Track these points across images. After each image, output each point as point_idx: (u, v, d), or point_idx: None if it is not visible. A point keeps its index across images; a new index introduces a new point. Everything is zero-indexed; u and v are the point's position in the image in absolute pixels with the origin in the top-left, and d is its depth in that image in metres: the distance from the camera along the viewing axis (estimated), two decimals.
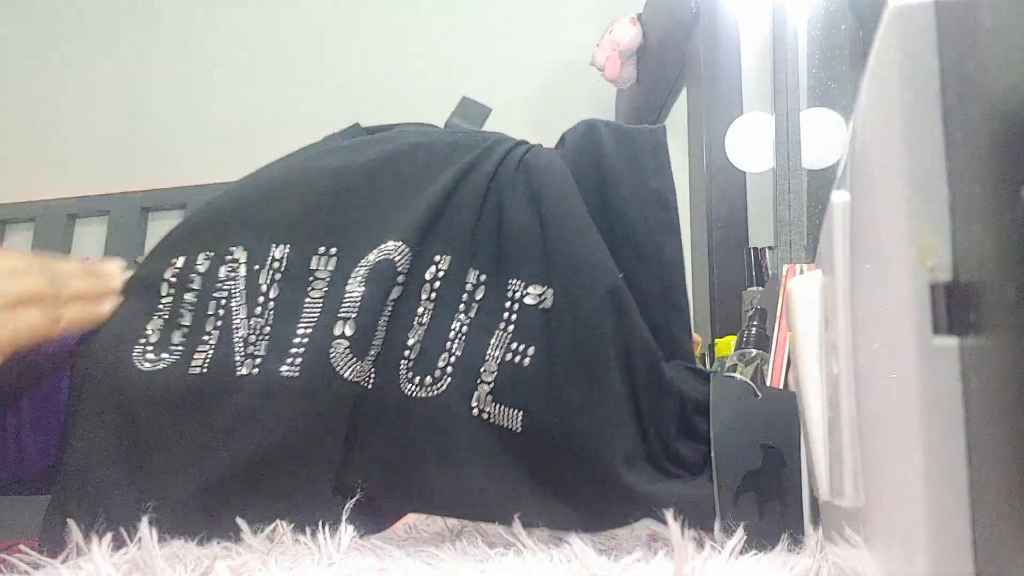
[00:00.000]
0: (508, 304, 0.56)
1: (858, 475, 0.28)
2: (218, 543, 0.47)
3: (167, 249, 0.60)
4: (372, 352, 0.54)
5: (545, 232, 0.56)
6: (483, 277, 0.57)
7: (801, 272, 0.87)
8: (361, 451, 0.54)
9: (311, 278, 0.57)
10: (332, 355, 0.53)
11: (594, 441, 0.52)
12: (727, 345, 0.98)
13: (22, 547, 0.44)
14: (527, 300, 0.55)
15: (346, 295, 0.55)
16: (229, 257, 0.58)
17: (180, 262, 0.59)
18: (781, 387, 0.83)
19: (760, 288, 1.28)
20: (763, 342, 0.86)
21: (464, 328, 0.55)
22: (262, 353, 0.55)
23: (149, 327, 0.57)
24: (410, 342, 0.55)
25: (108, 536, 0.38)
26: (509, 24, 2.34)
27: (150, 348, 0.56)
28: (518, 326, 0.55)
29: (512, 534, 0.49)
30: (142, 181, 2.39)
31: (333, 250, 0.57)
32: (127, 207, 2.37)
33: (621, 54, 1.84)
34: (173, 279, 0.58)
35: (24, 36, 2.60)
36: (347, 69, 2.38)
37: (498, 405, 0.54)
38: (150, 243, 2.38)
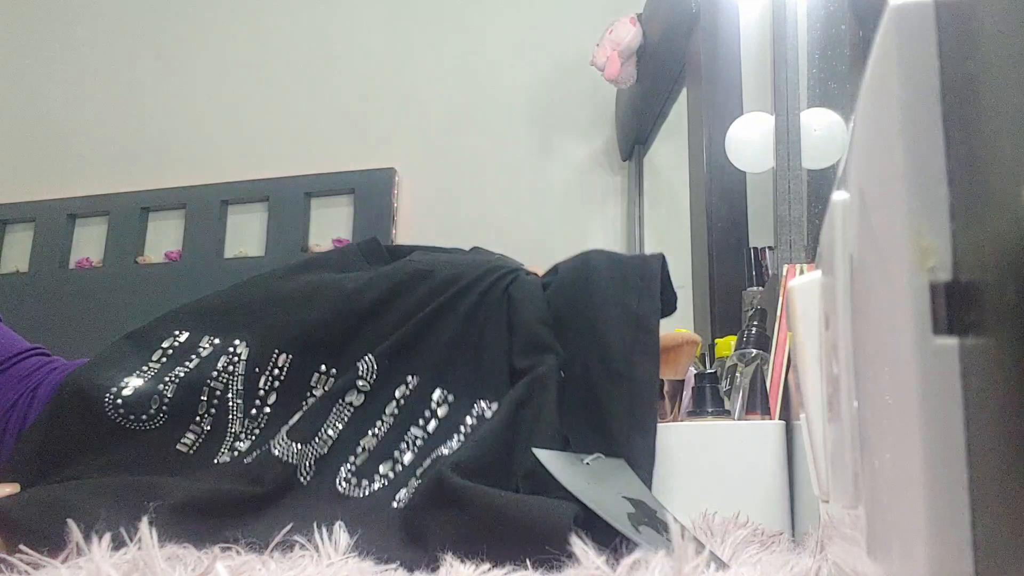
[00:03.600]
0: (471, 420, 0.60)
1: (858, 475, 0.28)
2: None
3: (176, 319, 0.64)
4: (318, 448, 0.57)
5: (510, 357, 0.61)
6: (450, 397, 0.61)
7: (801, 272, 0.87)
8: (272, 523, 0.55)
9: (308, 395, 0.61)
10: (274, 439, 0.57)
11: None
12: (727, 345, 0.97)
13: (22, 547, 0.44)
14: (486, 415, 0.60)
15: None
16: (232, 349, 0.61)
17: (183, 337, 0.62)
18: (780, 387, 0.83)
19: (760, 288, 1.28)
20: (763, 342, 0.86)
21: (419, 441, 0.59)
22: (242, 448, 0.59)
23: (125, 380, 0.60)
24: (359, 448, 0.58)
25: (108, 536, 0.38)
26: (509, 24, 2.34)
27: (120, 399, 0.59)
28: (468, 435, 0.59)
29: None
30: (142, 181, 2.39)
31: (333, 371, 0.62)
32: (127, 207, 2.37)
33: (621, 54, 1.84)
34: (170, 350, 0.61)
35: (24, 36, 2.60)
36: (346, 70, 2.38)
37: (411, 492, 0.57)
38: (150, 243, 2.38)
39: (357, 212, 2.23)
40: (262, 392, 0.60)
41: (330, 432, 0.57)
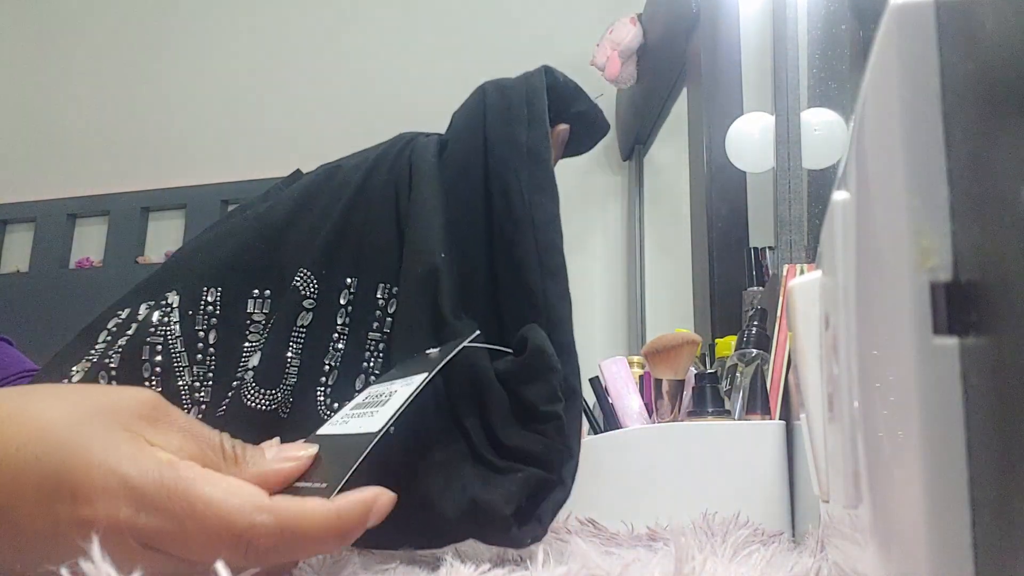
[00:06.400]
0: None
1: (858, 475, 0.28)
2: None
3: (120, 301, 0.61)
4: (289, 380, 0.54)
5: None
6: (394, 289, 0.56)
7: (801, 272, 0.87)
8: None
9: (248, 322, 0.57)
10: (242, 387, 0.54)
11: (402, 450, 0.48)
12: (727, 345, 0.97)
13: None
14: None
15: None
16: (164, 302, 0.58)
17: (124, 313, 0.59)
18: (780, 387, 0.83)
19: (760, 288, 1.28)
20: (763, 342, 0.86)
21: (380, 345, 0.55)
22: (207, 399, 0.55)
23: (75, 368, 0.57)
24: (326, 368, 0.55)
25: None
26: (509, 24, 2.34)
27: None
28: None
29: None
30: (142, 181, 2.39)
31: (267, 292, 0.58)
32: (127, 207, 2.37)
33: (621, 54, 1.84)
34: (114, 328, 0.59)
35: (24, 36, 2.60)
36: (346, 69, 2.38)
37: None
38: (150, 243, 2.38)
39: None
40: (201, 333, 0.57)
41: (295, 363, 0.54)
